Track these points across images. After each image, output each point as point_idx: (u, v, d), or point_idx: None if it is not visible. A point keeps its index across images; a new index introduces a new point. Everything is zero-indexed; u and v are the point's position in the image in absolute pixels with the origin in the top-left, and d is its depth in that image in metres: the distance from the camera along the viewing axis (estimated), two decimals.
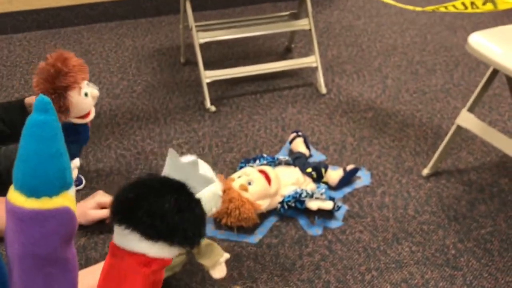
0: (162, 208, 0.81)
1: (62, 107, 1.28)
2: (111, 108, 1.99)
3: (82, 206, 1.36)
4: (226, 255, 1.17)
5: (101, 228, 1.40)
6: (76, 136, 1.41)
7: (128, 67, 2.29)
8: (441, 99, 2.08)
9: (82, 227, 1.38)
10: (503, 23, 2.73)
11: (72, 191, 0.78)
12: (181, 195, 0.83)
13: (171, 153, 0.88)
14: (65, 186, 0.76)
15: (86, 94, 1.34)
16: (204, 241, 1.12)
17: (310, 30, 2.10)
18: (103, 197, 1.37)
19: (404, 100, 2.06)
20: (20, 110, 1.64)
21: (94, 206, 1.36)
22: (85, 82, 1.36)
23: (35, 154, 0.73)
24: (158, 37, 2.56)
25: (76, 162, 1.35)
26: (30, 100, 1.67)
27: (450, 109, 2.01)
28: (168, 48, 2.46)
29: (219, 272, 1.16)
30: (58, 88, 1.26)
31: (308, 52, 2.40)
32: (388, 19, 2.79)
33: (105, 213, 1.35)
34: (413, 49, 2.47)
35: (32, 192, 0.73)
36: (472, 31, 2.68)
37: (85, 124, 1.43)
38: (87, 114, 1.40)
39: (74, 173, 1.37)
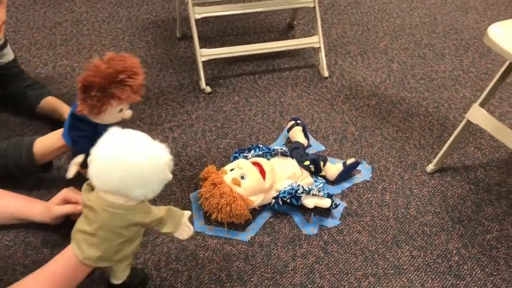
0: None
1: (96, 108, 1.12)
2: None
3: (46, 203, 1.26)
4: (187, 213, 1.07)
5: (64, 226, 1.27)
6: (90, 132, 1.24)
7: (121, 40, 2.16)
8: (449, 87, 1.97)
9: (46, 227, 1.27)
10: None
11: None
12: None
13: None
14: None
15: (121, 110, 1.18)
16: (163, 209, 1.03)
17: (314, 8, 1.97)
18: (70, 192, 1.25)
19: (410, 87, 1.96)
20: None
21: (59, 202, 1.24)
22: None
23: None
24: (154, 7, 2.42)
25: (79, 158, 1.22)
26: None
27: (459, 98, 1.90)
28: (164, 20, 2.32)
29: (185, 232, 1.07)
30: (109, 91, 1.10)
31: (311, 30, 2.28)
32: None
33: (70, 208, 1.22)
34: (422, 30, 2.35)
35: None
36: (484, 13, 2.56)
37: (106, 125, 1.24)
38: None
39: (73, 170, 1.23)
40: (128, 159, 0.91)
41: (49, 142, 1.35)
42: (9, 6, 2.37)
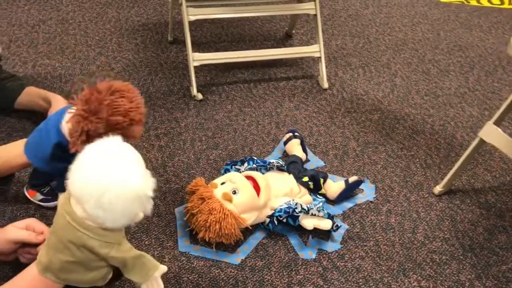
0: None
1: (78, 143, 0.93)
2: None
3: (3, 229, 1.05)
4: (162, 268, 0.92)
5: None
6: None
7: (109, 41, 2.03)
8: (455, 104, 1.86)
9: None
10: None
11: None
12: None
13: None
14: None
15: None
16: (132, 253, 0.89)
17: (315, 15, 1.86)
18: (34, 222, 1.05)
19: (414, 103, 1.84)
20: None
21: (21, 227, 1.04)
22: None
23: None
24: (145, 10, 2.30)
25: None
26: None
27: (465, 116, 1.79)
28: (156, 23, 2.20)
29: None
30: (94, 129, 0.92)
31: (309, 40, 2.17)
32: (398, 11, 2.55)
33: (27, 235, 1.02)
34: (425, 46, 2.25)
35: None
36: (489, 31, 2.48)
37: None
38: None
39: None
40: (95, 172, 0.78)
41: (7, 156, 1.15)
42: None
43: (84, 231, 0.83)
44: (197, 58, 1.74)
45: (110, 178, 0.78)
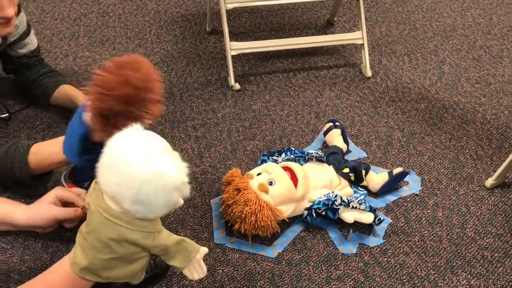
0: None
1: (97, 128, 0.90)
2: None
3: (34, 204, 1.06)
4: (203, 250, 0.89)
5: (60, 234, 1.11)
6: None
7: (148, 33, 2.02)
8: (509, 92, 1.74)
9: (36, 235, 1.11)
10: None
11: None
12: None
13: None
14: None
15: None
16: (173, 238, 0.86)
17: (357, 0, 1.78)
18: (65, 192, 1.05)
19: (463, 91, 1.74)
20: None
21: (54, 201, 1.03)
22: None
23: None
24: (184, 1, 2.28)
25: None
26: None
27: None
28: (194, 14, 2.18)
29: (196, 272, 0.89)
30: (108, 107, 0.86)
31: (352, 28, 2.09)
32: None
33: (63, 212, 1.02)
34: (476, 32, 2.12)
35: None
36: None
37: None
38: None
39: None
40: (129, 167, 0.73)
41: (43, 152, 1.14)
42: None
43: (126, 225, 0.79)
44: (234, 47, 1.70)
45: (144, 173, 0.73)
